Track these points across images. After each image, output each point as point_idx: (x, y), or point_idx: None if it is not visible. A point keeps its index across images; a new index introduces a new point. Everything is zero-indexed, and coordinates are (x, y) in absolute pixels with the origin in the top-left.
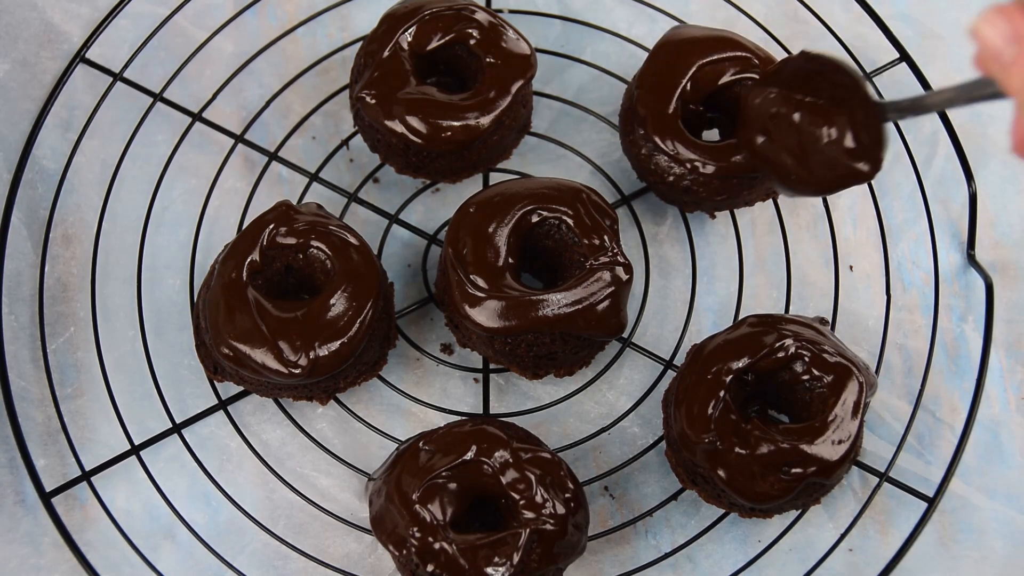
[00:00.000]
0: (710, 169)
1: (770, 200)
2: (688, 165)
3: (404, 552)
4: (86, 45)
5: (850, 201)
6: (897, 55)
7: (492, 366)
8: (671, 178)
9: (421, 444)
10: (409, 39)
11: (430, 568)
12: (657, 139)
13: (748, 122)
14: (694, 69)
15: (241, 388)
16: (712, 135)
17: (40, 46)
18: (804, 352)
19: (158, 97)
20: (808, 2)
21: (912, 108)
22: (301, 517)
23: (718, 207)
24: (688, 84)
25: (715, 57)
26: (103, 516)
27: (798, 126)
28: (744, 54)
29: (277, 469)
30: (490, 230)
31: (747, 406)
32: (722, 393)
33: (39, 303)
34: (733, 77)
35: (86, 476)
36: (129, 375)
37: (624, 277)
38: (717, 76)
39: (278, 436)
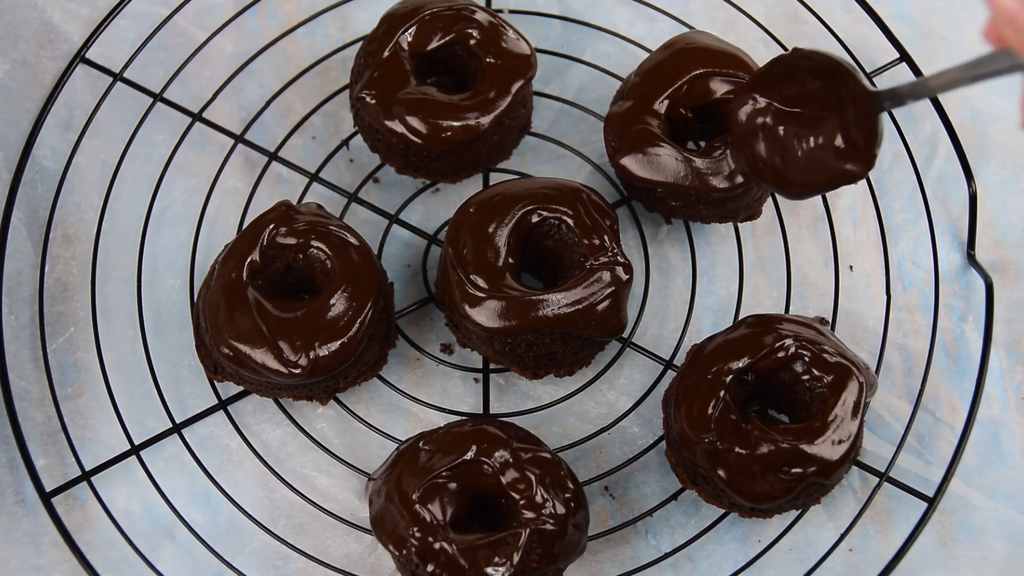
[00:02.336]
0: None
1: (770, 200)
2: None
3: (404, 552)
4: (86, 45)
5: (850, 201)
6: (897, 55)
7: (492, 366)
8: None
9: (421, 444)
10: (409, 39)
11: (430, 568)
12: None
13: (735, 137)
14: (689, 76)
15: (241, 388)
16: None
17: (40, 46)
18: (804, 352)
19: (158, 97)
20: (808, 2)
21: (913, 93)
22: (301, 517)
23: (705, 218)
24: (683, 88)
25: (714, 70)
26: (103, 516)
27: (784, 137)
28: (742, 75)
29: (277, 469)
30: (490, 230)
31: (747, 406)
32: (722, 393)
33: (39, 303)
34: (726, 95)
35: (86, 476)
36: (129, 375)
37: (624, 277)
38: (713, 89)
39: (278, 436)
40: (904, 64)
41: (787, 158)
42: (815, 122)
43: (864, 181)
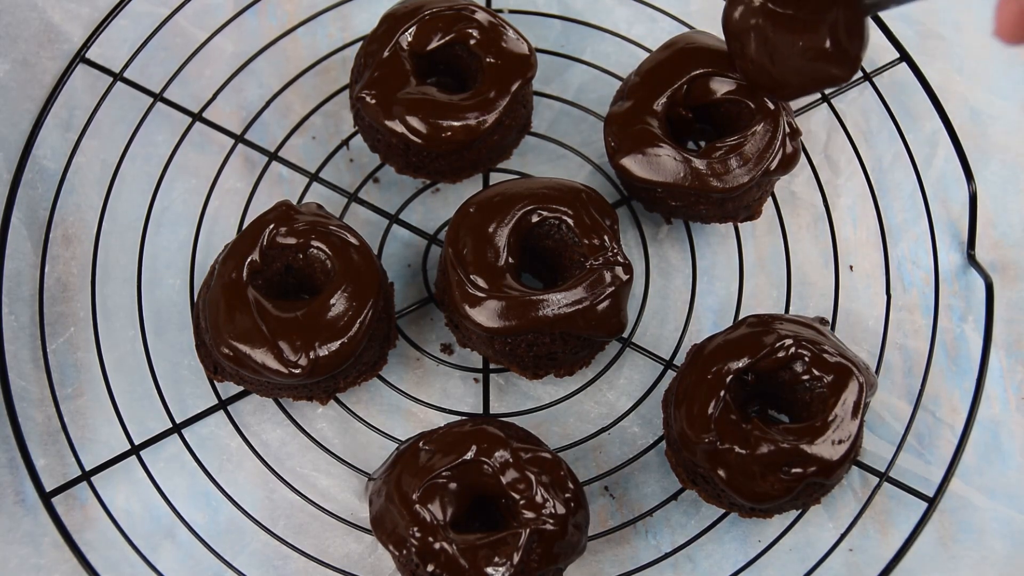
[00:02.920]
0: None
1: (770, 200)
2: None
3: (404, 552)
4: (86, 45)
5: (850, 201)
6: (897, 55)
7: (492, 366)
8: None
9: (421, 444)
10: (409, 39)
11: (430, 568)
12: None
13: (728, 35)
14: (689, 76)
15: (241, 388)
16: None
17: (40, 46)
18: (804, 352)
19: (158, 97)
20: None
21: None
22: (301, 517)
23: (705, 218)
24: (683, 88)
25: (714, 71)
26: (103, 516)
27: (774, 37)
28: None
29: (277, 469)
30: (490, 230)
31: (747, 406)
32: (722, 393)
33: (39, 303)
34: (726, 96)
35: (86, 476)
36: (129, 375)
37: (624, 277)
38: (713, 89)
39: (278, 436)
40: (904, 64)
41: (775, 58)
42: (805, 24)
43: (864, 181)
